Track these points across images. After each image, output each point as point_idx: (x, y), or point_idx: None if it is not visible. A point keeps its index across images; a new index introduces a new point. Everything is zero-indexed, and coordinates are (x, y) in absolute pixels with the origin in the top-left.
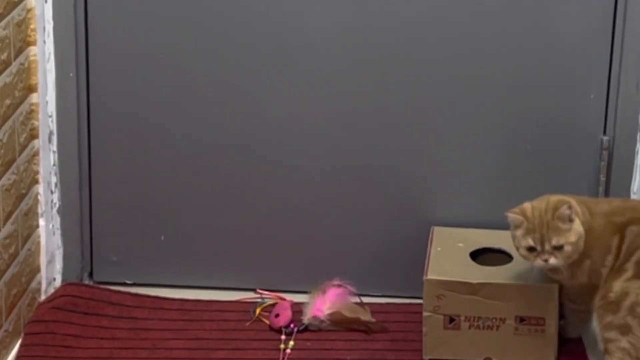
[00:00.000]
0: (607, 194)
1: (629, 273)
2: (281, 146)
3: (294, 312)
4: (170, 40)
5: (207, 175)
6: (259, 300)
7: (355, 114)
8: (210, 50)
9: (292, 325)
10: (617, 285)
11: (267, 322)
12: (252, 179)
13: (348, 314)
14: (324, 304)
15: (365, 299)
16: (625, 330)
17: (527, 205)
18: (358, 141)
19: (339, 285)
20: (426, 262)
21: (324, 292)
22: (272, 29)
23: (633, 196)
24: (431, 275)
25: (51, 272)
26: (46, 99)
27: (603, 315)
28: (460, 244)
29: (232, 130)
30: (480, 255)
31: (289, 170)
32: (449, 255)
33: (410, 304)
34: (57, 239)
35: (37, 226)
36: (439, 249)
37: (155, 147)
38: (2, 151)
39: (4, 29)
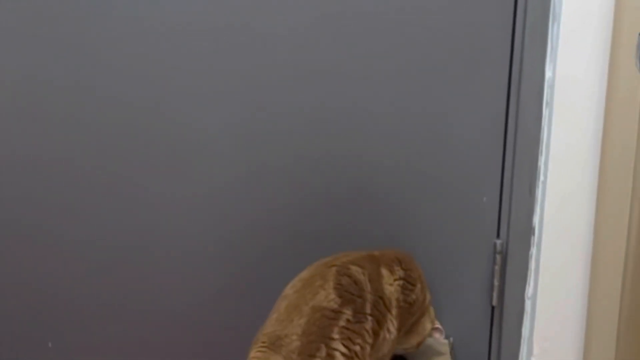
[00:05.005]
0: (501, 298)
1: None
2: (169, 251)
3: None
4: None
5: (97, 281)
6: None
7: (241, 227)
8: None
9: None
10: None
11: None
12: (145, 284)
13: None
14: None
15: None
16: None
17: None
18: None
19: None
20: None
21: None
22: (162, 129)
23: (527, 302)
24: None
25: None
26: None
27: None
28: None
29: (122, 234)
30: None
31: (181, 276)
32: None
33: None
34: None
35: None
36: None
37: (42, 249)
38: None
39: None
